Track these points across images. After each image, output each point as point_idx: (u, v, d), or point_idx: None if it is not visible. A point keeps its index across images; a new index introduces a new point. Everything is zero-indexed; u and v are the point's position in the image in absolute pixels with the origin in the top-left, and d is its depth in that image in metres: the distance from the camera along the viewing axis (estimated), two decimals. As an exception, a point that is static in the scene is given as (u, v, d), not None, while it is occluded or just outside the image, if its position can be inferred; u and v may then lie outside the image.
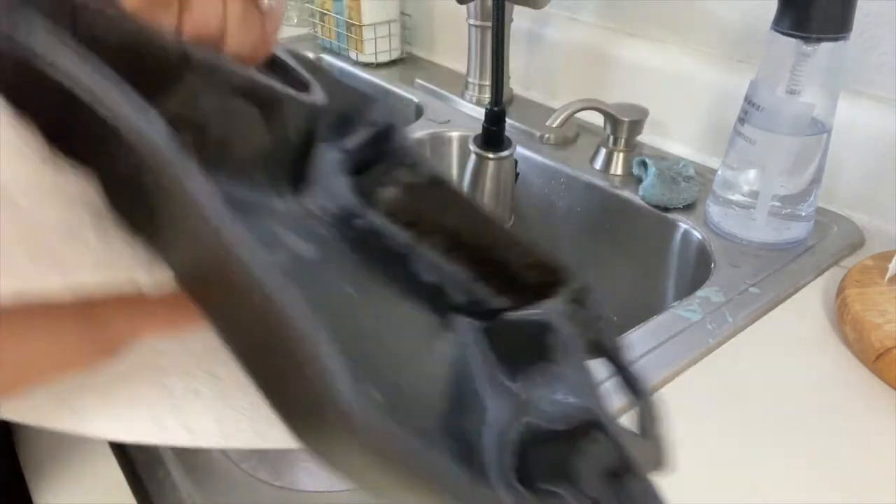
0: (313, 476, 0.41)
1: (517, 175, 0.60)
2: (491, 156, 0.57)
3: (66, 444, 0.37)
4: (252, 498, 0.34)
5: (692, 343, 0.44)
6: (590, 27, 0.77)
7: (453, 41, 0.91)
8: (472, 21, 0.76)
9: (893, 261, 0.46)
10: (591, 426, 0.22)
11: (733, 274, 0.51)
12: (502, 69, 0.53)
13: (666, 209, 0.59)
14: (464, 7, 0.76)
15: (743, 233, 0.54)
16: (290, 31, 1.08)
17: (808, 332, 0.46)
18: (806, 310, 0.48)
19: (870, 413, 0.40)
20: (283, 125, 0.22)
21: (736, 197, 0.54)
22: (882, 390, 0.41)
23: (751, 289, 0.49)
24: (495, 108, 0.55)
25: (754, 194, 0.53)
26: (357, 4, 0.90)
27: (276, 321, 0.14)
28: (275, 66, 0.24)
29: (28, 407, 0.22)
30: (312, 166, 0.24)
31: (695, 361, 0.43)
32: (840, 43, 0.47)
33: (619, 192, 0.63)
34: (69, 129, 0.16)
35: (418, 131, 0.76)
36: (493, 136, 0.57)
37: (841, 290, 0.47)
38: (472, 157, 0.58)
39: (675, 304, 0.48)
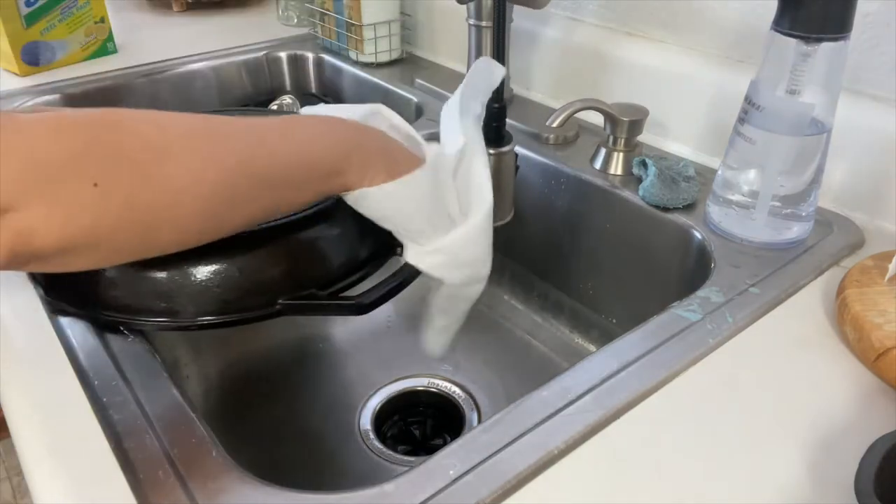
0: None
1: (517, 168, 0.61)
2: (492, 151, 0.57)
3: (67, 444, 0.37)
4: (252, 498, 0.34)
5: (692, 343, 0.44)
6: (590, 27, 0.77)
7: (453, 41, 0.91)
8: (472, 21, 0.76)
9: (893, 261, 0.46)
10: None
11: (733, 274, 0.51)
12: (503, 65, 0.54)
13: (666, 209, 0.59)
14: (464, 7, 0.76)
15: (743, 233, 0.54)
16: (290, 31, 1.08)
17: (808, 332, 0.46)
18: (806, 310, 0.48)
19: (870, 413, 0.40)
20: None
21: (736, 197, 0.54)
22: (882, 390, 0.41)
23: (751, 289, 0.49)
24: (495, 105, 0.55)
25: (754, 194, 0.53)
26: (357, 4, 0.90)
27: None
28: None
29: None
30: None
31: (695, 361, 0.43)
32: (840, 43, 0.47)
33: (619, 192, 0.63)
34: None
35: (418, 131, 0.76)
36: (493, 131, 0.57)
37: (841, 290, 0.47)
38: None
39: (675, 304, 0.48)
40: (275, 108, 0.91)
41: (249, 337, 0.70)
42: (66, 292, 0.44)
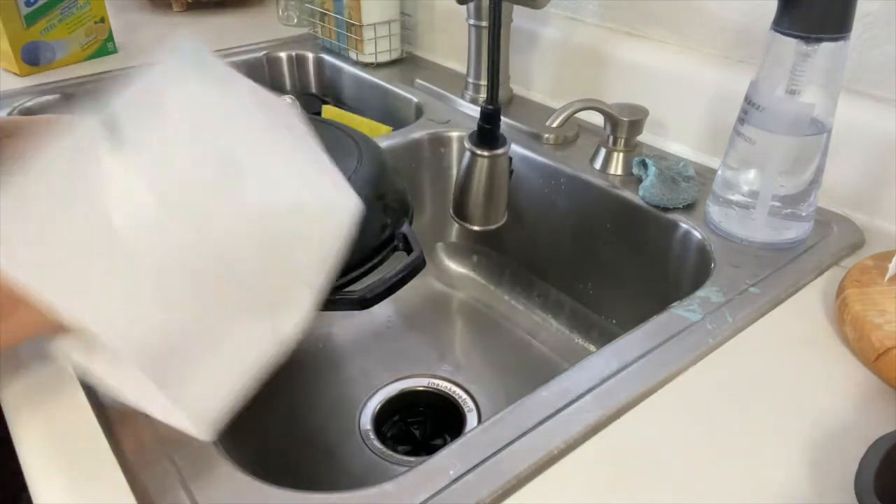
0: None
1: (511, 172, 0.60)
2: (486, 153, 0.57)
3: (67, 444, 0.37)
4: (252, 498, 0.34)
5: (692, 343, 0.44)
6: (590, 27, 0.77)
7: (453, 41, 0.91)
8: (471, 21, 0.76)
9: (893, 261, 0.46)
10: None
11: (733, 274, 0.51)
12: (498, 67, 0.53)
13: (666, 209, 0.59)
14: (464, 7, 0.76)
15: (743, 233, 0.54)
16: (290, 31, 1.08)
17: (808, 332, 0.46)
18: (806, 310, 0.48)
19: (870, 413, 0.40)
20: None
21: (736, 197, 0.54)
22: (882, 390, 0.41)
23: (751, 289, 0.49)
24: (489, 107, 0.55)
25: (754, 194, 0.53)
26: (357, 4, 0.90)
27: None
28: None
29: None
30: None
31: (695, 361, 0.43)
32: (840, 43, 0.47)
33: (619, 192, 0.63)
34: None
35: (418, 131, 0.76)
36: (487, 133, 0.57)
37: (841, 290, 0.47)
38: (467, 154, 0.58)
39: (675, 304, 0.48)
40: (275, 108, 0.91)
41: (249, 337, 0.70)
42: None
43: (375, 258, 0.48)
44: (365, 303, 0.44)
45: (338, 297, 0.44)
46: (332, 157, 0.53)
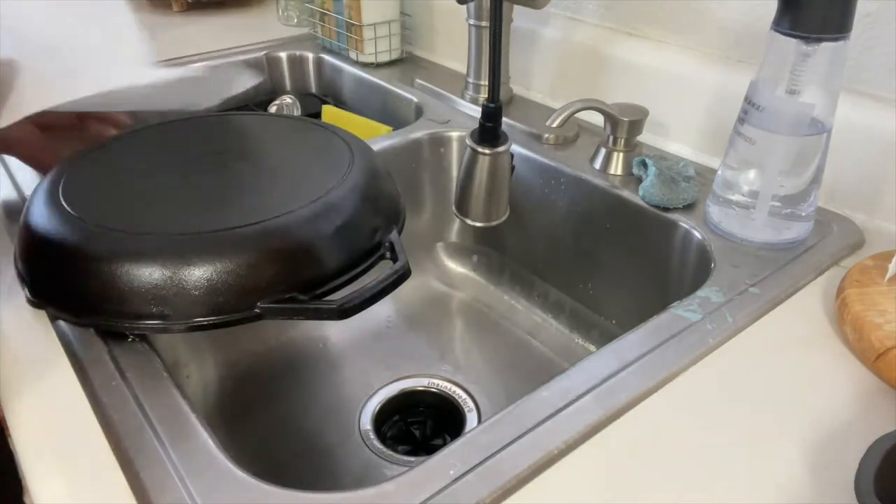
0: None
1: (513, 168, 0.61)
2: (487, 151, 0.57)
3: (67, 444, 0.37)
4: (252, 498, 0.34)
5: (692, 343, 0.44)
6: (590, 27, 0.77)
7: (453, 41, 0.91)
8: (471, 21, 0.76)
9: (893, 261, 0.46)
10: None
11: (733, 274, 0.51)
12: (499, 64, 0.53)
13: (666, 209, 0.59)
14: (464, 7, 0.76)
15: (743, 233, 0.54)
16: (290, 31, 1.08)
17: (808, 332, 0.46)
18: (806, 310, 0.48)
19: (870, 413, 0.40)
20: None
21: (736, 197, 0.54)
22: (882, 390, 0.41)
23: (751, 289, 0.49)
24: (491, 105, 0.55)
25: (754, 194, 0.53)
26: (357, 4, 0.90)
27: None
28: None
29: None
30: None
31: (695, 361, 0.43)
32: (840, 43, 0.47)
33: (619, 192, 0.63)
34: None
35: (418, 131, 0.76)
36: (488, 131, 0.57)
37: (841, 290, 0.47)
38: (468, 152, 0.58)
39: (675, 304, 0.48)
40: (274, 108, 0.91)
41: (250, 337, 0.70)
42: (55, 298, 0.44)
43: (363, 264, 0.47)
44: (344, 313, 0.42)
45: (317, 306, 0.43)
46: (323, 160, 0.53)
